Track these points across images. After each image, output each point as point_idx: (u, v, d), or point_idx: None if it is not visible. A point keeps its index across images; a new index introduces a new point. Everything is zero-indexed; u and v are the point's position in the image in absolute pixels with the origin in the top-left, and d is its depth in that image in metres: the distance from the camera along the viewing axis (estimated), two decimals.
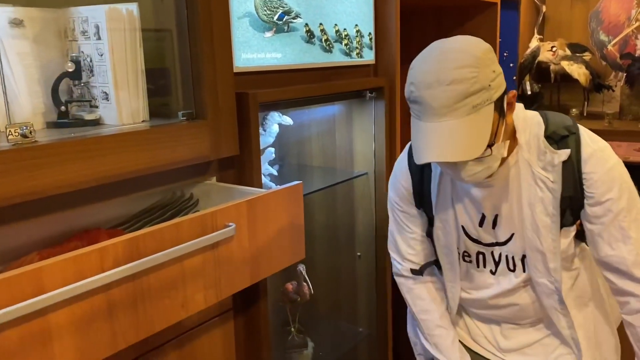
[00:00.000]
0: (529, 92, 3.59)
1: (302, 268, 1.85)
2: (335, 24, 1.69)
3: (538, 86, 3.78)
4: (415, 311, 1.39)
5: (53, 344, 0.81)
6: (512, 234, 1.22)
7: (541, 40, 3.86)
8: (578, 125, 1.17)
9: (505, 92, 1.09)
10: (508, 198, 1.20)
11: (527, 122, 1.17)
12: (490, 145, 1.06)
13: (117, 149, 1.08)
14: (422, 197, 1.30)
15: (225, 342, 1.39)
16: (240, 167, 1.43)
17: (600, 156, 1.14)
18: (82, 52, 1.22)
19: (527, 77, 3.61)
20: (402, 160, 1.34)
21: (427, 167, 1.26)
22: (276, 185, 1.75)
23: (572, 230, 1.19)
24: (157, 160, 1.16)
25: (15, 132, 0.97)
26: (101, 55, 1.19)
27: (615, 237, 1.13)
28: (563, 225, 1.17)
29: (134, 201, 1.30)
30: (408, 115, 1.09)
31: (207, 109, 1.27)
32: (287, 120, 1.78)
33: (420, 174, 1.29)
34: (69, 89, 1.26)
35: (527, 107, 1.20)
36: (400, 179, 1.33)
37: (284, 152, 1.99)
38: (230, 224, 1.06)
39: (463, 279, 1.32)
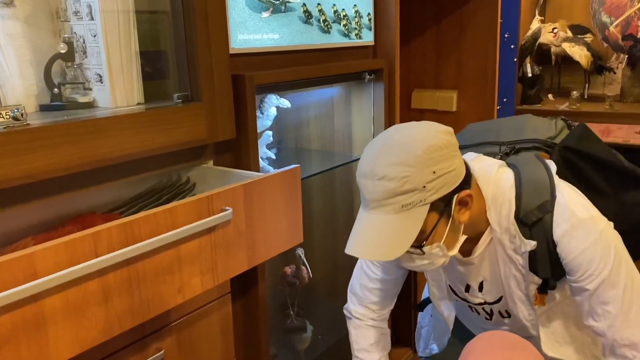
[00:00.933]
0: (530, 75, 3.55)
1: (300, 252, 1.84)
2: (334, 4, 1.66)
3: (539, 68, 3.74)
4: (355, 348, 1.39)
5: (47, 330, 0.80)
6: (501, 297, 1.22)
7: (542, 21, 3.81)
8: (557, 194, 1.07)
9: (455, 191, 1.02)
10: (490, 270, 1.19)
11: (498, 200, 1.10)
12: (420, 246, 1.03)
13: (111, 132, 1.07)
14: None
15: (224, 326, 1.38)
16: (237, 150, 1.41)
17: (574, 236, 1.05)
18: (75, 33, 1.19)
19: (527, 59, 3.58)
20: None
21: None
22: (274, 169, 1.74)
23: (560, 289, 1.16)
24: (152, 144, 1.14)
25: (6, 115, 0.95)
26: (94, 36, 1.17)
27: (596, 312, 1.08)
28: (549, 289, 1.14)
29: (130, 185, 1.28)
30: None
31: (202, 92, 1.25)
32: (285, 103, 1.76)
33: None
34: (62, 71, 1.23)
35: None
36: None
37: (281, 136, 1.97)
38: (227, 208, 1.04)
39: (459, 314, 1.36)
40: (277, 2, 1.47)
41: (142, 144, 1.13)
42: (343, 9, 1.69)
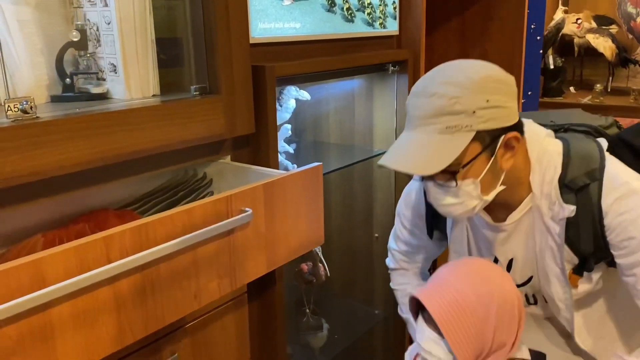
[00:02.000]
0: (552, 67, 3.45)
1: (317, 249, 1.78)
2: None
3: (561, 60, 3.63)
4: (394, 284, 1.38)
5: (55, 341, 0.75)
6: (531, 277, 1.14)
7: (566, 12, 3.70)
8: (607, 163, 1.02)
9: (505, 130, 0.97)
10: (524, 243, 1.11)
11: (543, 163, 1.05)
12: (454, 173, 0.96)
13: (125, 126, 1.01)
14: (437, 223, 1.23)
15: (239, 328, 1.33)
16: (255, 145, 1.35)
17: (626, 204, 0.98)
18: (88, 20, 1.13)
19: (550, 51, 3.47)
20: (418, 184, 1.24)
21: None
22: (292, 164, 1.67)
23: (597, 273, 1.08)
24: (168, 138, 1.08)
25: (14, 108, 0.89)
26: (108, 23, 1.10)
27: None
28: (586, 270, 1.06)
29: (144, 180, 1.22)
30: None
31: (221, 83, 1.18)
32: (305, 95, 1.69)
33: None
34: (74, 60, 1.17)
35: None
36: (415, 201, 1.25)
37: (299, 128, 1.90)
38: (247, 209, 0.98)
39: None
40: None
41: (157, 138, 1.07)
42: None
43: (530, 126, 1.08)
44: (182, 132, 1.11)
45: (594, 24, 3.62)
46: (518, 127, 1.00)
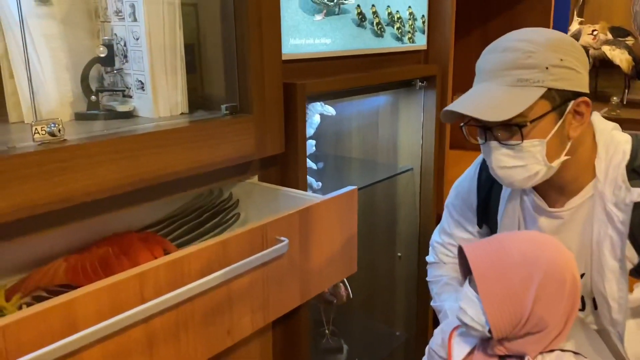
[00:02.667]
0: None
1: None
2: (388, 6, 1.53)
3: None
4: (429, 276, 1.32)
5: None
6: (583, 274, 1.07)
7: (582, 23, 3.64)
8: None
9: (576, 94, 0.95)
10: (579, 234, 1.05)
11: (610, 150, 1.01)
12: (520, 128, 0.93)
13: (154, 149, 0.95)
14: (487, 215, 1.17)
15: (263, 354, 1.27)
16: (284, 165, 1.30)
17: None
18: (115, 34, 1.08)
19: None
20: (472, 172, 1.20)
21: (497, 184, 1.11)
22: (316, 181, 1.62)
23: None
24: (197, 161, 1.03)
25: (42, 130, 0.84)
26: (137, 39, 1.05)
27: None
28: None
29: (167, 201, 1.17)
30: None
31: (252, 102, 1.13)
32: (330, 110, 1.63)
33: (489, 191, 1.15)
34: (99, 76, 1.12)
35: None
36: (466, 190, 1.20)
37: (322, 144, 1.84)
38: (283, 238, 0.93)
39: None
40: (332, 3, 1.34)
41: (187, 161, 1.01)
42: (397, 11, 1.56)
43: (597, 117, 1.05)
44: (212, 154, 1.06)
45: (609, 36, 3.55)
46: (589, 99, 0.98)
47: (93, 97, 1.07)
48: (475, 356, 0.94)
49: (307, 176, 1.62)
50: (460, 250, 0.96)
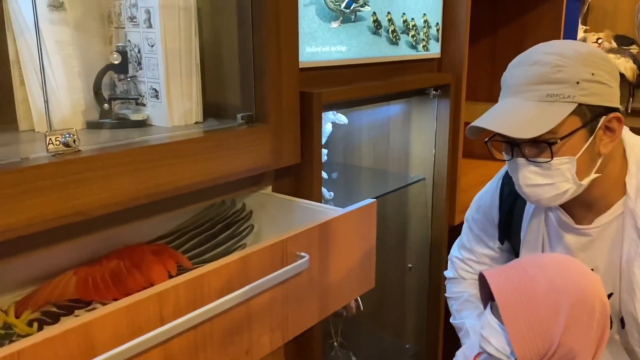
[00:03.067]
0: None
1: None
2: (403, 13, 1.50)
3: None
4: (448, 292, 1.29)
5: None
6: (611, 294, 1.04)
7: (586, 31, 3.62)
8: None
9: (608, 110, 0.92)
10: (608, 252, 1.01)
11: None
12: (550, 145, 0.89)
13: (170, 160, 0.92)
14: (509, 230, 1.14)
15: None
16: (298, 175, 1.26)
17: None
18: (129, 41, 1.05)
19: None
20: (494, 186, 1.17)
21: (520, 199, 1.08)
22: (328, 191, 1.59)
23: None
24: (213, 172, 1.00)
25: (56, 141, 0.80)
26: (152, 45, 1.02)
27: None
28: None
29: (179, 212, 1.14)
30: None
31: (269, 111, 1.10)
32: (342, 119, 1.61)
33: (512, 206, 1.11)
34: (111, 84, 1.09)
35: None
36: (488, 205, 1.17)
37: (333, 152, 1.81)
38: (303, 254, 0.90)
39: None
40: (348, 10, 1.31)
41: (202, 173, 0.98)
42: (412, 19, 1.53)
43: (627, 132, 1.01)
44: (228, 165, 1.02)
45: (614, 44, 3.54)
46: (619, 114, 0.95)
47: (106, 105, 1.03)
48: None
49: None
50: (481, 276, 0.93)
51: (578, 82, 0.89)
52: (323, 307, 0.99)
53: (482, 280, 0.92)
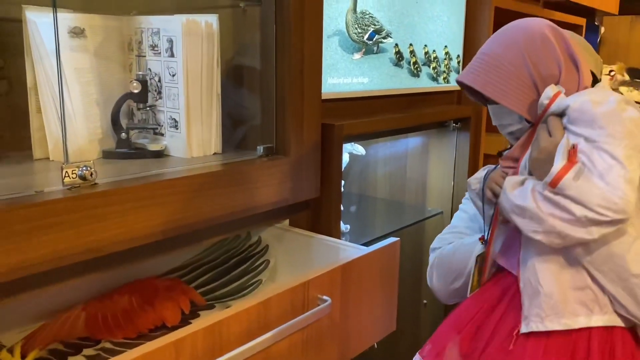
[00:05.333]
0: None
1: None
2: (425, 45, 1.48)
3: None
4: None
5: None
6: None
7: None
8: None
9: None
10: None
11: None
12: None
13: (188, 195, 0.89)
14: None
15: None
16: (316, 208, 1.22)
17: None
18: (150, 69, 1.03)
19: None
20: None
21: None
22: (344, 224, 1.54)
23: None
24: (232, 206, 0.96)
25: (72, 174, 0.77)
26: (173, 75, 0.99)
27: None
28: None
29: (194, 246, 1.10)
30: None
31: (290, 143, 1.06)
32: (360, 149, 1.57)
33: None
34: (129, 112, 1.06)
35: None
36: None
37: (349, 184, 1.77)
38: (325, 297, 0.85)
39: None
40: (370, 42, 1.29)
41: (220, 206, 0.94)
42: (434, 50, 1.51)
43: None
44: (247, 199, 0.99)
45: (627, 77, 3.52)
46: (595, 80, 1.06)
47: (123, 135, 1.00)
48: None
49: None
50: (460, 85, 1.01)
51: None
52: (343, 352, 0.94)
53: (462, 87, 1.02)
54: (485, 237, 1.03)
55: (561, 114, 0.88)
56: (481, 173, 1.04)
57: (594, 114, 0.82)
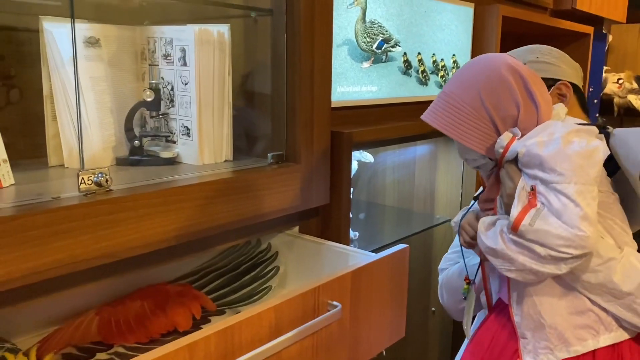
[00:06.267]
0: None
1: None
2: (433, 54, 1.49)
3: (603, 120, 3.54)
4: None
5: None
6: None
7: (607, 71, 3.61)
8: None
9: (555, 82, 1.10)
10: None
11: None
12: None
13: (201, 201, 0.90)
14: None
15: None
16: (326, 216, 1.23)
17: None
18: (162, 78, 1.04)
19: None
20: None
21: None
22: (352, 231, 1.55)
23: None
24: (243, 213, 0.97)
25: (88, 180, 0.79)
26: (185, 83, 1.01)
27: None
28: None
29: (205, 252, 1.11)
30: None
31: (300, 151, 1.08)
32: (368, 157, 1.58)
33: None
34: (142, 120, 1.08)
35: None
36: None
37: (357, 191, 1.78)
38: (335, 303, 0.86)
39: None
40: (379, 51, 1.30)
41: (232, 213, 0.96)
42: (442, 59, 1.52)
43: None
44: (257, 206, 1.00)
45: (635, 85, 3.52)
46: (576, 89, 1.11)
47: (136, 142, 1.02)
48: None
49: None
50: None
51: (525, 63, 1.06)
52: (353, 358, 0.95)
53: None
54: (471, 278, 1.11)
55: (516, 159, 0.91)
56: (459, 216, 1.08)
57: (542, 157, 0.84)
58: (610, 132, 0.93)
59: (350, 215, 1.62)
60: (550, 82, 1.09)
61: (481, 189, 1.08)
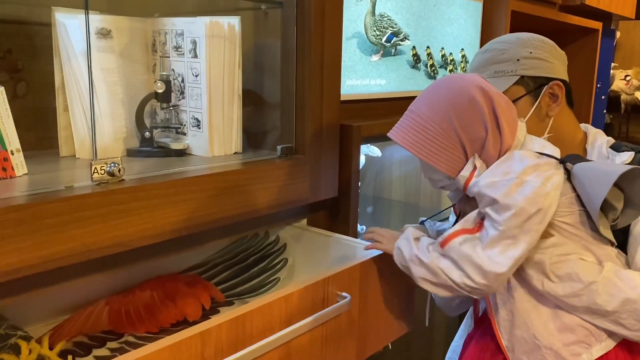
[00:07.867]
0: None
1: None
2: (442, 48, 1.49)
3: (609, 116, 3.53)
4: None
5: None
6: None
7: (614, 68, 3.60)
8: None
9: (547, 80, 1.06)
10: None
11: (597, 141, 1.09)
12: None
13: (211, 192, 0.91)
14: None
15: None
16: (334, 208, 1.24)
17: None
18: (173, 70, 1.05)
19: None
20: None
21: None
22: (359, 225, 1.56)
23: None
24: (252, 204, 0.98)
25: (101, 170, 0.79)
26: (196, 75, 1.02)
27: None
28: None
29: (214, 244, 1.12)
30: None
31: (309, 144, 1.08)
32: (376, 151, 1.58)
33: None
34: (152, 112, 1.09)
35: None
36: None
37: (364, 185, 1.79)
38: (345, 294, 0.87)
39: None
40: (388, 44, 1.30)
41: (241, 204, 0.96)
42: (450, 53, 1.52)
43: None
44: (267, 197, 1.01)
45: None
46: (568, 90, 1.08)
47: (147, 134, 1.03)
48: None
49: None
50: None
51: (518, 60, 1.06)
52: (361, 350, 0.95)
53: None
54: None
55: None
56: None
57: (491, 198, 0.84)
58: (570, 169, 0.92)
59: (358, 209, 1.63)
60: (542, 81, 1.06)
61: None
